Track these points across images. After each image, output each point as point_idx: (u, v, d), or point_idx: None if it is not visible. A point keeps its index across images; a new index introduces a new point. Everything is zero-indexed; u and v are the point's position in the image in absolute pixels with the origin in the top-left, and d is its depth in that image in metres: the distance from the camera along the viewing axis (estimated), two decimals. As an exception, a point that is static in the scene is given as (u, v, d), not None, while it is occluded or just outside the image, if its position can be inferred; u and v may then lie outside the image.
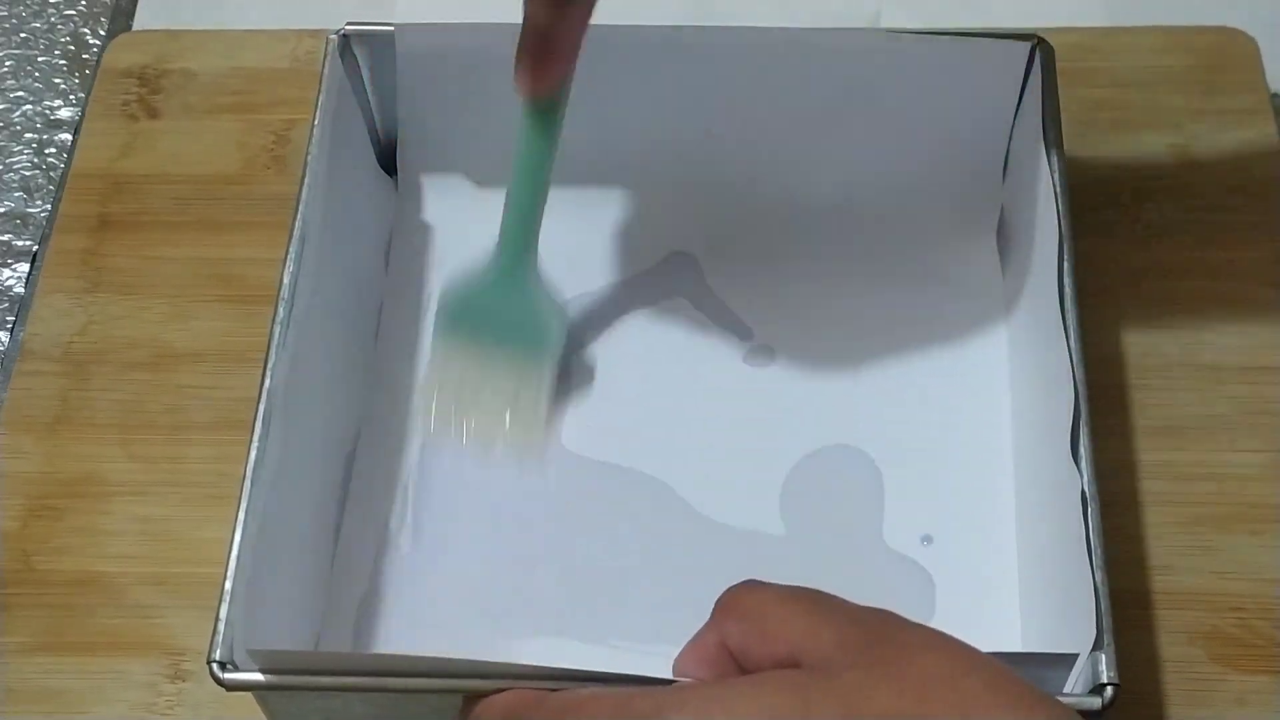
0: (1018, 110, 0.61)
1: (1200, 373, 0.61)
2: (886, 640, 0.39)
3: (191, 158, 0.68)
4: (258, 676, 0.48)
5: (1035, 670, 0.48)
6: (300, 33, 0.71)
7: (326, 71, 0.60)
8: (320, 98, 0.59)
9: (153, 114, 0.69)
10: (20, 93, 0.72)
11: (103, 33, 0.74)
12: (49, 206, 0.68)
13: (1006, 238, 0.63)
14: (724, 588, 0.44)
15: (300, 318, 0.55)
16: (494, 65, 0.61)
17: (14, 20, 0.74)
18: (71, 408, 0.62)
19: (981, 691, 0.38)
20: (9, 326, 0.65)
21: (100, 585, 0.58)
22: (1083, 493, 0.50)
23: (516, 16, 0.61)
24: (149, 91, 0.70)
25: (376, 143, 0.64)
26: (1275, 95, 0.68)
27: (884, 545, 0.57)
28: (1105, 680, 0.47)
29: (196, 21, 0.73)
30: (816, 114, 0.62)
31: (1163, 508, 0.58)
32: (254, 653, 0.47)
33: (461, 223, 0.65)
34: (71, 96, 0.72)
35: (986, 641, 0.53)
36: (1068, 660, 0.49)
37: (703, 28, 0.61)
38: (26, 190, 0.69)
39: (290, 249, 0.56)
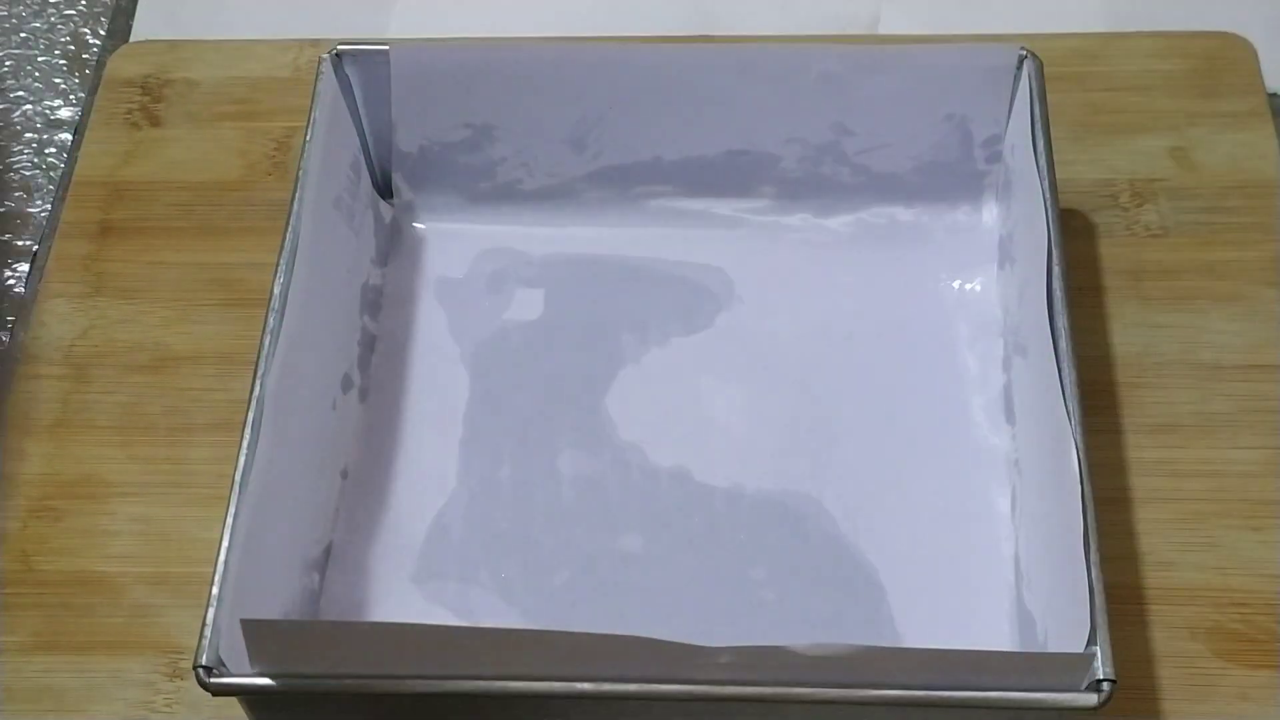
0: (1009, 118, 0.62)
1: (1199, 371, 0.61)
2: None
3: (193, 165, 0.68)
4: (244, 680, 0.48)
5: (1030, 668, 0.48)
6: (301, 42, 0.71)
7: (319, 89, 0.60)
8: (313, 115, 0.59)
9: (154, 122, 0.69)
10: (20, 93, 0.72)
11: (103, 33, 0.74)
12: (49, 207, 0.68)
13: (1003, 245, 0.63)
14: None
15: (291, 329, 0.55)
16: (487, 81, 0.62)
17: (14, 20, 0.74)
18: (72, 410, 0.62)
19: None
20: (9, 326, 0.65)
21: (99, 585, 0.58)
22: (1079, 486, 0.50)
23: (511, 30, 0.62)
24: (151, 100, 0.70)
25: (369, 159, 0.64)
26: (1274, 95, 0.68)
27: (879, 544, 0.57)
28: (1101, 676, 0.47)
29: (196, 24, 0.73)
30: (811, 119, 0.63)
31: (1162, 504, 0.58)
32: (245, 622, 0.47)
33: (455, 238, 0.65)
34: (71, 96, 0.72)
35: (980, 640, 0.54)
36: (1062, 659, 0.48)
37: (696, 45, 0.61)
38: (26, 190, 0.69)
39: (281, 260, 0.56)
